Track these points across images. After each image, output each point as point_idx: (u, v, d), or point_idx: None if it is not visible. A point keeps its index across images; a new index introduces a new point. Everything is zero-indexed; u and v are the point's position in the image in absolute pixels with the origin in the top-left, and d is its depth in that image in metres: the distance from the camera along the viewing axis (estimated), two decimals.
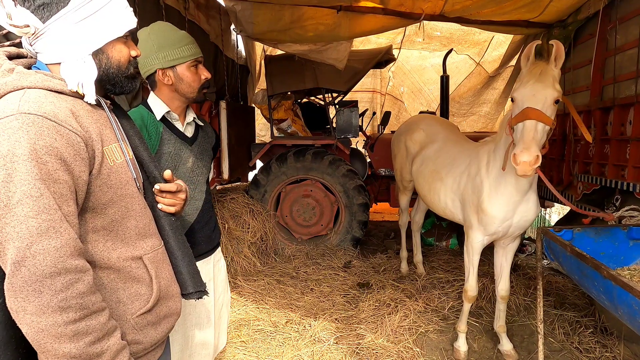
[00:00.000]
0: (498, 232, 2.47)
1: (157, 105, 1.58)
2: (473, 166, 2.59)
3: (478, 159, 2.56)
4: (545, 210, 6.23)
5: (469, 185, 2.59)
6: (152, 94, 1.63)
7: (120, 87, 1.09)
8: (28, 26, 0.96)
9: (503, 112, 6.31)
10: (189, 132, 1.66)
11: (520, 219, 2.41)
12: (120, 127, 1.12)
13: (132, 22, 1.07)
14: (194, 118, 1.69)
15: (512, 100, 2.04)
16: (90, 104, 1.03)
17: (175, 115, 1.60)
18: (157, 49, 1.53)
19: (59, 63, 1.00)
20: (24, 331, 0.86)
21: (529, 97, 1.96)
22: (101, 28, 1.01)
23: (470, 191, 2.56)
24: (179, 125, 1.62)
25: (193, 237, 1.65)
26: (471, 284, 2.66)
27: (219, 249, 1.84)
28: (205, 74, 1.62)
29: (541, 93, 1.95)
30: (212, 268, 1.78)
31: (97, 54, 1.03)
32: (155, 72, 1.56)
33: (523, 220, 2.43)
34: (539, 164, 1.90)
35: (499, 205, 2.38)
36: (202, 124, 1.74)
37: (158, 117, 1.57)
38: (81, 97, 1.00)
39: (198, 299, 1.25)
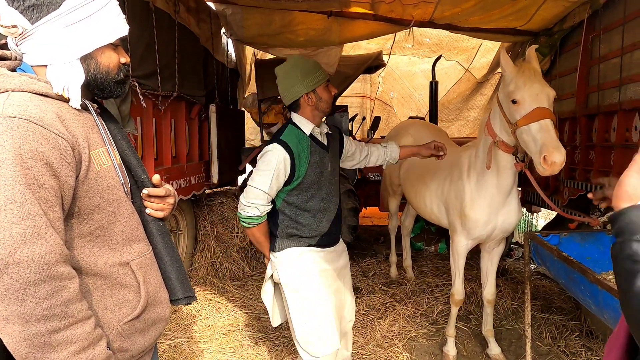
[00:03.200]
0: (482, 235, 2.49)
1: (304, 123, 1.89)
2: (455, 171, 2.61)
3: (460, 164, 2.58)
4: (532, 215, 6.31)
5: (452, 190, 2.61)
6: (294, 114, 1.92)
7: (108, 92, 1.08)
8: (16, 26, 0.94)
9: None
10: (325, 141, 1.97)
11: (503, 221, 2.43)
12: (108, 131, 1.10)
13: (123, 29, 1.06)
14: (327, 129, 1.99)
15: (514, 102, 1.99)
16: (76, 108, 1.01)
17: (317, 129, 1.92)
18: (301, 78, 1.83)
19: (45, 65, 0.98)
20: (5, 341, 0.83)
21: (535, 97, 1.93)
22: (91, 33, 1.00)
23: (453, 196, 2.58)
24: (319, 137, 1.93)
25: (335, 226, 1.99)
26: (457, 288, 2.68)
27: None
28: (334, 90, 1.93)
29: (544, 92, 1.95)
30: (341, 249, 2.09)
31: (85, 59, 1.01)
32: (302, 96, 1.86)
33: (507, 223, 2.45)
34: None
35: (481, 209, 2.40)
36: (330, 132, 2.01)
37: (307, 133, 1.88)
38: (66, 100, 0.98)
39: (187, 304, 1.24)
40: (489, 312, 2.74)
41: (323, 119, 2.02)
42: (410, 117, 5.67)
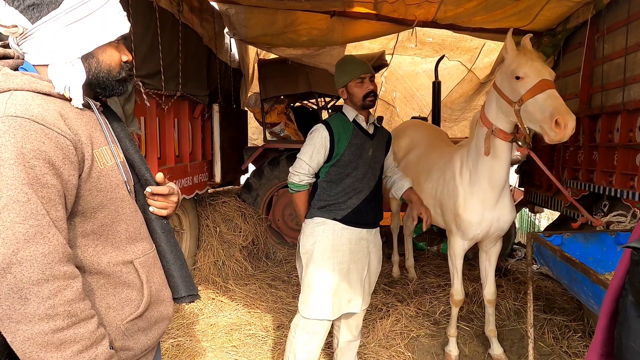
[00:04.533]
0: (477, 235, 2.49)
1: (349, 111, 2.14)
2: (448, 172, 2.61)
3: (452, 164, 2.58)
4: (535, 215, 6.30)
5: (445, 191, 2.61)
6: (344, 104, 2.19)
7: (110, 91, 1.07)
8: (16, 26, 0.94)
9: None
10: (371, 130, 2.18)
11: (498, 219, 2.43)
12: (111, 129, 1.10)
13: (124, 27, 1.05)
14: (374, 121, 2.21)
15: (518, 79, 2.02)
16: (79, 107, 1.00)
17: (361, 117, 2.14)
18: (341, 73, 2.12)
19: (47, 65, 0.98)
20: (8, 340, 0.84)
21: (538, 71, 1.98)
22: (92, 32, 0.99)
23: (447, 197, 2.58)
24: (364, 124, 2.15)
25: (366, 208, 2.13)
26: (456, 288, 2.67)
27: (378, 228, 2.30)
28: (370, 87, 2.10)
29: (546, 69, 2.03)
30: (373, 238, 2.24)
31: (86, 58, 1.00)
32: (340, 89, 2.15)
33: (501, 222, 2.44)
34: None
35: (474, 209, 2.40)
36: (379, 126, 2.25)
37: (350, 119, 2.12)
38: (69, 100, 0.98)
39: (190, 302, 1.24)
40: (490, 312, 2.74)
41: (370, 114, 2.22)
42: (412, 117, 5.66)
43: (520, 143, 2.23)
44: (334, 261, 2.09)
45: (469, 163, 2.43)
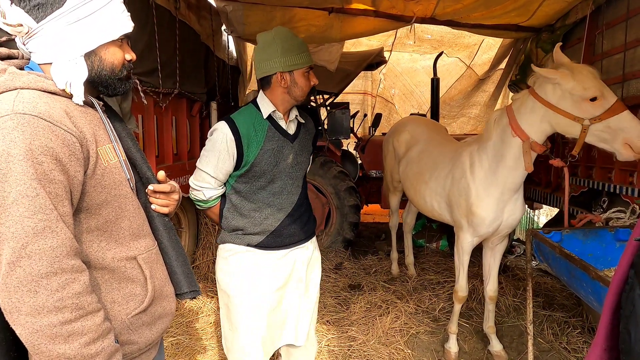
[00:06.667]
0: (488, 232, 2.50)
1: (265, 104, 1.68)
2: (457, 169, 2.60)
3: (461, 162, 2.57)
4: (534, 212, 6.31)
5: (455, 188, 2.60)
6: (261, 93, 1.71)
7: (113, 89, 1.09)
8: (21, 25, 0.96)
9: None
10: (292, 130, 1.75)
11: (508, 217, 2.44)
12: (113, 128, 1.11)
13: (127, 26, 1.06)
14: (296, 115, 1.77)
15: (593, 100, 2.01)
16: (83, 105, 1.02)
17: (279, 114, 1.70)
18: (281, 53, 1.62)
19: (52, 63, 0.99)
20: (17, 332, 0.85)
21: (610, 92, 2.02)
22: (95, 31, 1.00)
23: (457, 194, 2.58)
24: (282, 123, 1.71)
25: (287, 228, 1.74)
26: (461, 285, 2.68)
27: (314, 237, 1.91)
28: (314, 80, 1.71)
29: (608, 88, 2.03)
30: (310, 254, 1.87)
31: (89, 56, 1.02)
32: (275, 74, 1.64)
33: (511, 219, 2.45)
34: None
35: (488, 206, 2.40)
36: (304, 121, 1.82)
37: (264, 116, 1.67)
38: (70, 96, 0.99)
39: (192, 298, 1.25)
40: (490, 309, 2.74)
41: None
42: (411, 114, 5.66)
43: (552, 155, 2.23)
44: (257, 295, 1.71)
45: (484, 164, 2.41)
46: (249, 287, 1.70)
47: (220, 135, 1.61)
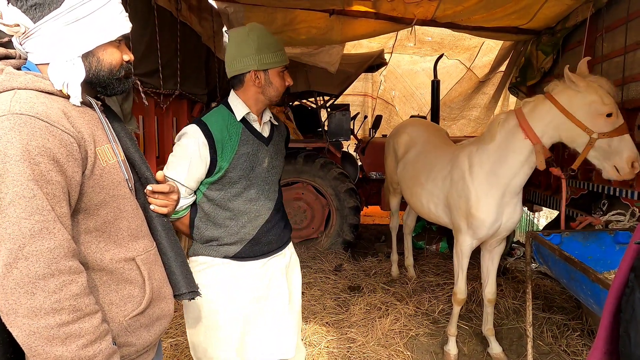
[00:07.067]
0: (487, 235, 2.50)
1: (239, 105, 1.59)
2: (455, 171, 2.60)
3: (459, 164, 2.57)
4: (534, 214, 6.30)
5: (453, 190, 2.60)
6: (232, 93, 1.61)
7: (111, 90, 1.09)
8: (18, 25, 0.95)
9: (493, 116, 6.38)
10: (266, 132, 1.66)
11: (507, 220, 2.45)
12: (112, 128, 1.11)
13: (125, 27, 1.06)
14: (270, 117, 1.69)
15: (609, 116, 2.05)
16: (81, 105, 1.01)
17: (254, 116, 1.61)
18: (256, 51, 1.53)
19: (49, 63, 0.99)
20: (14, 334, 0.84)
21: (619, 112, 2.08)
22: (93, 31, 1.00)
23: (456, 196, 2.57)
24: (257, 125, 1.62)
25: (265, 236, 1.65)
26: (460, 287, 2.68)
27: (290, 244, 1.84)
28: (289, 81, 1.63)
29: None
30: (288, 261, 1.79)
31: (87, 57, 1.01)
32: (249, 72, 1.55)
33: (510, 222, 2.46)
34: None
35: (488, 209, 2.40)
36: (277, 123, 1.74)
37: (238, 118, 1.57)
38: (67, 97, 0.99)
39: (191, 299, 1.25)
40: (489, 311, 2.74)
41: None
42: (411, 116, 5.66)
43: (553, 162, 2.25)
44: (235, 307, 1.60)
45: (484, 166, 2.41)
46: (226, 299, 1.59)
47: (192, 140, 1.49)
